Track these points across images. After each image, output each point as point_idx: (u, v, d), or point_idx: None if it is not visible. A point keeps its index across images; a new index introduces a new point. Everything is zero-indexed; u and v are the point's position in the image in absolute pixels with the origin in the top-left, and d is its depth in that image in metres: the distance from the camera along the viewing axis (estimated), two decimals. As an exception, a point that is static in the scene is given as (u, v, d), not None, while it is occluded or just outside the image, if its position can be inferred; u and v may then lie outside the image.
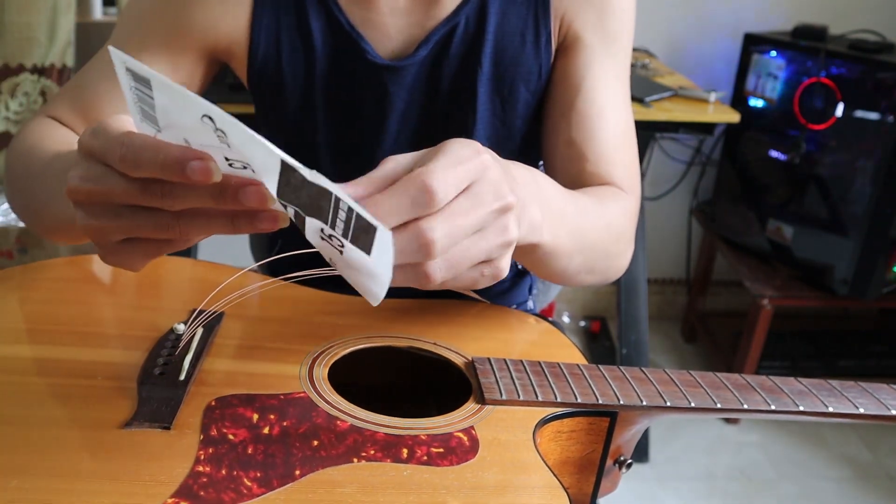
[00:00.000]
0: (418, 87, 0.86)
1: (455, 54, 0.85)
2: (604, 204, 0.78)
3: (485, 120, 0.88)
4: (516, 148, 0.91)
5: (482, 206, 0.52)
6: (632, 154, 0.88)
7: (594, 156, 0.84)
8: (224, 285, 0.77)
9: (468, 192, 0.51)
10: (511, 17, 0.85)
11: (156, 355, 0.67)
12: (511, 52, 0.85)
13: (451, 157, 0.52)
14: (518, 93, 0.87)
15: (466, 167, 0.51)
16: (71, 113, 0.85)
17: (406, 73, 0.85)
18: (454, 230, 0.50)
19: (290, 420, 0.60)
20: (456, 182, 0.50)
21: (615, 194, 0.82)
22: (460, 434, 0.61)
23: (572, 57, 0.86)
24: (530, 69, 0.86)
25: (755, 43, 2.16)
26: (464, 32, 0.84)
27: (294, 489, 0.53)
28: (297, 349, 0.71)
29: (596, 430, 0.68)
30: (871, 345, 2.47)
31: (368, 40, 0.84)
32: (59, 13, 2.08)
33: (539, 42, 0.85)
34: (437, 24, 0.84)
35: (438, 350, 0.74)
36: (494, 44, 0.85)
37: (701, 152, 2.49)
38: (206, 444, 0.56)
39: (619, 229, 0.81)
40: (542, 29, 0.85)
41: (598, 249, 0.77)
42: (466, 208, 0.51)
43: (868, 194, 1.97)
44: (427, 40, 0.84)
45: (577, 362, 0.73)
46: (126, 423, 0.58)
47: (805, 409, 0.69)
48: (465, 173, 0.51)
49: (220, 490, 0.52)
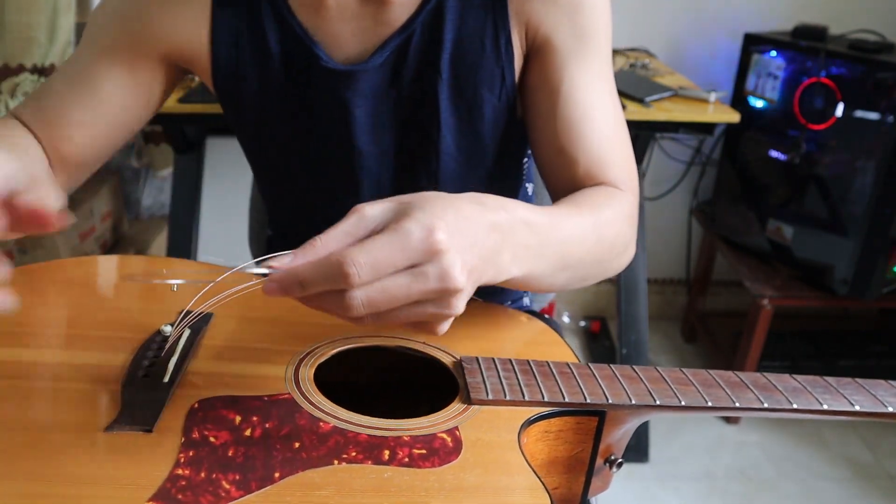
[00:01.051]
0: (378, 95, 0.85)
1: (413, 61, 0.84)
2: (596, 214, 0.76)
3: (450, 126, 0.87)
4: (487, 154, 0.90)
5: (422, 284, 0.54)
6: (625, 151, 0.86)
7: (585, 159, 0.83)
8: (212, 285, 0.77)
9: (411, 271, 0.54)
10: (469, 23, 0.83)
11: (141, 357, 0.67)
12: (470, 58, 0.84)
13: (397, 238, 0.54)
14: (481, 98, 0.86)
15: (407, 254, 0.53)
16: (33, 118, 0.86)
17: (360, 80, 0.84)
18: (380, 301, 0.53)
19: (272, 422, 0.60)
20: (387, 264, 0.53)
21: (609, 197, 0.80)
22: (444, 435, 0.61)
23: (546, 62, 0.84)
24: (493, 73, 0.85)
25: (755, 43, 2.15)
26: (420, 40, 0.83)
27: (271, 492, 0.53)
28: (285, 350, 0.71)
29: (584, 430, 0.68)
30: (871, 345, 2.46)
31: (322, 47, 0.83)
32: (59, 13, 2.08)
33: (499, 45, 0.84)
34: (392, 32, 0.83)
35: (427, 349, 0.73)
36: (452, 51, 0.83)
37: (701, 152, 2.48)
38: (186, 446, 0.56)
39: (612, 237, 0.79)
40: (501, 32, 0.83)
41: (587, 262, 0.76)
42: (403, 284, 0.53)
43: (868, 194, 1.96)
44: (383, 47, 0.83)
45: (568, 361, 0.72)
46: (108, 426, 0.58)
47: (799, 406, 0.68)
48: (402, 258, 0.53)
49: (199, 493, 0.52)
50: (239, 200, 1.58)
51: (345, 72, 0.83)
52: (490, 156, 0.90)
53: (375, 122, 0.87)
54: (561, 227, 0.70)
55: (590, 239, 0.75)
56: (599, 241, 0.76)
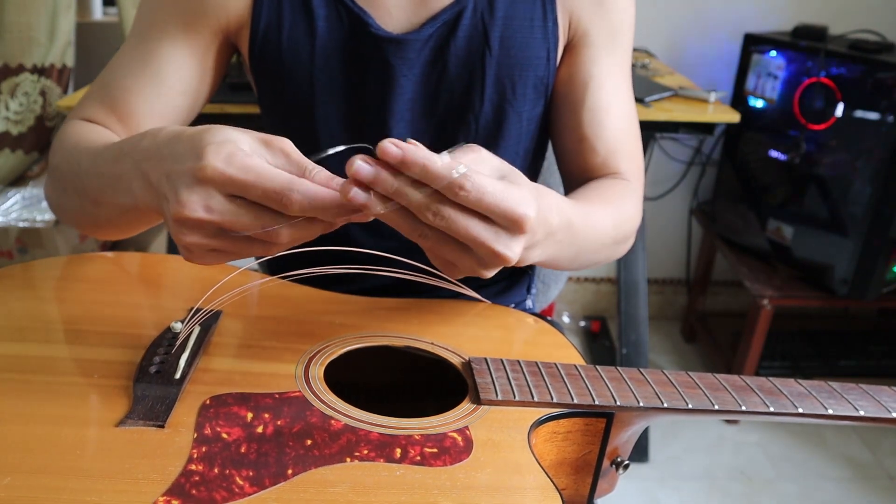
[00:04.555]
0: (425, 66, 0.86)
1: (463, 36, 0.85)
2: (619, 209, 0.83)
3: (493, 101, 0.88)
4: (523, 132, 0.92)
5: (490, 242, 0.57)
6: (637, 145, 0.93)
7: (603, 149, 0.89)
8: (222, 283, 0.77)
9: (494, 225, 0.57)
10: (519, 4, 0.86)
11: (152, 353, 0.67)
12: (520, 37, 0.87)
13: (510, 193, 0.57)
14: (526, 76, 0.88)
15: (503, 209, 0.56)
16: (103, 112, 0.85)
17: (409, 48, 0.85)
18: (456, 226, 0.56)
19: (284, 419, 0.60)
20: (488, 202, 0.55)
21: (624, 189, 0.87)
22: (454, 434, 0.61)
23: (580, 54, 0.89)
24: (539, 53, 0.88)
25: (755, 43, 2.15)
26: (472, 15, 0.85)
27: (285, 488, 0.53)
28: (294, 348, 0.71)
29: (592, 431, 0.68)
30: (871, 345, 2.47)
31: (371, 16, 0.84)
32: (59, 13, 2.08)
33: (546, 26, 0.87)
34: (444, 6, 0.85)
35: (435, 350, 0.73)
36: (503, 28, 0.86)
37: (701, 152, 2.49)
38: (199, 442, 0.56)
39: (627, 230, 0.86)
40: (549, 14, 0.87)
41: (603, 253, 0.83)
42: (478, 233, 0.57)
43: (868, 194, 1.96)
44: (434, 19, 0.85)
45: (575, 363, 0.73)
46: (120, 421, 0.58)
47: (804, 411, 0.68)
48: (499, 210, 0.56)
49: (212, 489, 0.52)
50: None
51: (395, 39, 0.84)
52: (526, 134, 0.93)
53: (420, 93, 0.88)
54: (590, 223, 0.75)
55: (610, 234, 0.81)
56: (616, 234, 0.83)
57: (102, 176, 0.69)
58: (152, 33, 0.85)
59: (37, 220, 1.96)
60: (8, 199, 2.01)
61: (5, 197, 2.02)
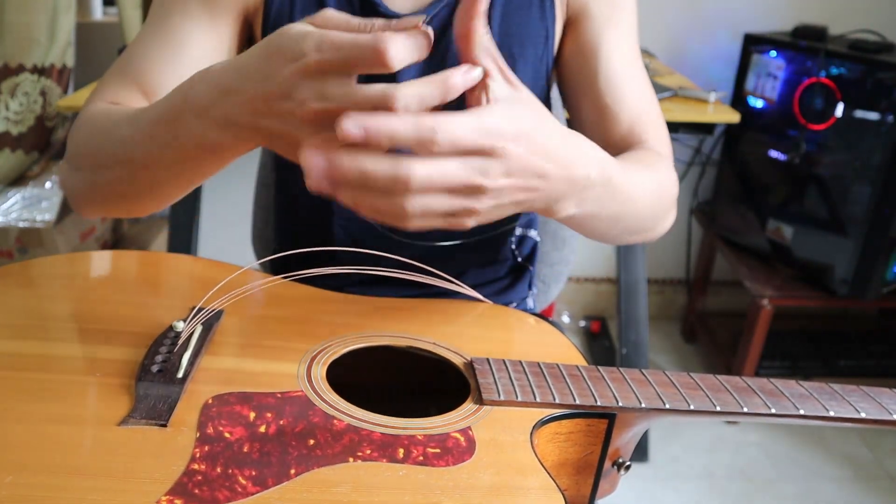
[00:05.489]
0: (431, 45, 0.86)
1: None
2: (658, 173, 0.80)
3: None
4: None
5: (466, 177, 0.52)
6: (660, 115, 0.91)
7: (627, 118, 0.88)
8: (224, 283, 0.77)
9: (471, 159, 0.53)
10: None
11: (154, 352, 0.67)
12: (519, 15, 0.88)
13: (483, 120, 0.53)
14: (527, 53, 0.89)
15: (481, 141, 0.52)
16: (125, 90, 0.82)
17: None
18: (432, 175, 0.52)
19: (286, 419, 0.60)
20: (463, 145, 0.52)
21: (658, 158, 0.84)
22: (457, 434, 0.61)
23: (582, 28, 0.90)
24: (538, 31, 0.89)
25: (755, 43, 2.15)
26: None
27: (288, 488, 0.53)
28: (296, 347, 0.71)
29: (594, 432, 0.68)
30: (871, 345, 2.47)
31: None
32: (59, 13, 2.08)
33: (543, 5, 0.89)
34: None
35: (437, 350, 0.73)
36: (503, 6, 0.88)
37: (701, 152, 2.49)
38: (201, 441, 0.56)
39: (668, 198, 0.82)
40: None
41: (643, 218, 0.78)
42: (453, 169, 0.52)
43: (868, 194, 1.96)
44: (438, 0, 0.85)
45: (577, 363, 0.73)
46: (122, 420, 0.58)
47: (806, 412, 0.68)
48: (472, 143, 0.52)
49: (215, 488, 0.52)
50: (240, 200, 1.58)
51: (404, 17, 0.84)
52: None
53: (425, 72, 0.87)
54: (631, 183, 0.71)
55: (651, 197, 0.77)
56: (660, 197, 0.80)
57: (155, 138, 0.66)
58: (174, 12, 0.85)
59: (37, 220, 1.96)
60: (8, 199, 2.01)
61: (5, 197, 2.02)
